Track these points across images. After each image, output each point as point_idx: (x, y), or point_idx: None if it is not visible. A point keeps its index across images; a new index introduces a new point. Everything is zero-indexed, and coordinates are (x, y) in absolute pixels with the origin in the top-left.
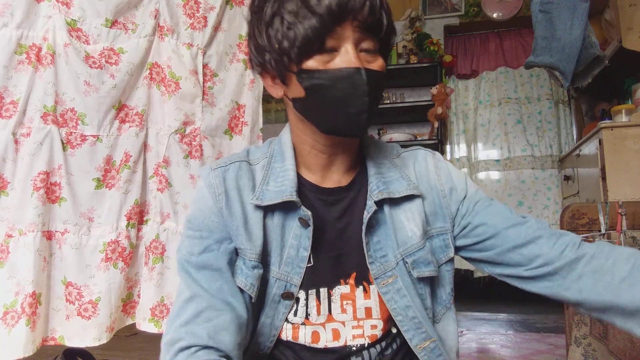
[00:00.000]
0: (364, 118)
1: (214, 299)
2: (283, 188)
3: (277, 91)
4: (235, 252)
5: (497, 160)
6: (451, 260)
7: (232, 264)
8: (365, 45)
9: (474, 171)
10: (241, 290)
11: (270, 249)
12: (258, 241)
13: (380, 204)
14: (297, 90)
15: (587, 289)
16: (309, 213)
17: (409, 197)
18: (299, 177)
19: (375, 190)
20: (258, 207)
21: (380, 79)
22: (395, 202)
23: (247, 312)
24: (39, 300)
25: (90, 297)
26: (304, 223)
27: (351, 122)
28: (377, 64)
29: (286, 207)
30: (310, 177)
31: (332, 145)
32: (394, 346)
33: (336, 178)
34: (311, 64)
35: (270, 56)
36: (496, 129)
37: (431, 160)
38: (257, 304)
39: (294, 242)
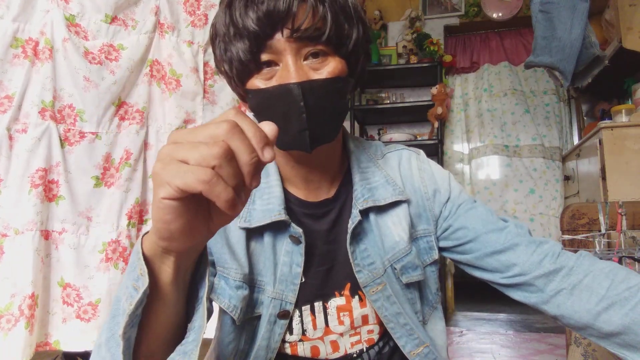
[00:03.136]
0: (306, 135)
1: None
2: (270, 207)
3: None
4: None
5: (506, 146)
6: (435, 261)
7: None
8: (310, 51)
9: (476, 155)
10: (224, 312)
11: (262, 269)
12: (243, 260)
13: (366, 212)
14: (250, 108)
15: (566, 306)
16: (300, 230)
17: (395, 203)
18: (285, 192)
19: (360, 199)
20: (246, 228)
21: (326, 85)
22: (381, 208)
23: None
24: (36, 302)
25: (90, 298)
26: (295, 240)
27: (296, 139)
28: (326, 69)
29: (276, 226)
30: (296, 191)
31: (300, 158)
32: (391, 343)
33: (321, 190)
34: (252, 83)
35: (226, 78)
36: (503, 116)
37: (415, 161)
38: (251, 328)
39: (286, 259)
